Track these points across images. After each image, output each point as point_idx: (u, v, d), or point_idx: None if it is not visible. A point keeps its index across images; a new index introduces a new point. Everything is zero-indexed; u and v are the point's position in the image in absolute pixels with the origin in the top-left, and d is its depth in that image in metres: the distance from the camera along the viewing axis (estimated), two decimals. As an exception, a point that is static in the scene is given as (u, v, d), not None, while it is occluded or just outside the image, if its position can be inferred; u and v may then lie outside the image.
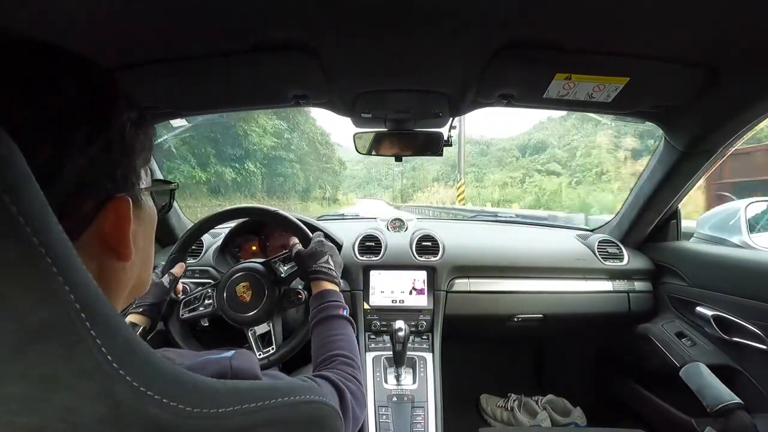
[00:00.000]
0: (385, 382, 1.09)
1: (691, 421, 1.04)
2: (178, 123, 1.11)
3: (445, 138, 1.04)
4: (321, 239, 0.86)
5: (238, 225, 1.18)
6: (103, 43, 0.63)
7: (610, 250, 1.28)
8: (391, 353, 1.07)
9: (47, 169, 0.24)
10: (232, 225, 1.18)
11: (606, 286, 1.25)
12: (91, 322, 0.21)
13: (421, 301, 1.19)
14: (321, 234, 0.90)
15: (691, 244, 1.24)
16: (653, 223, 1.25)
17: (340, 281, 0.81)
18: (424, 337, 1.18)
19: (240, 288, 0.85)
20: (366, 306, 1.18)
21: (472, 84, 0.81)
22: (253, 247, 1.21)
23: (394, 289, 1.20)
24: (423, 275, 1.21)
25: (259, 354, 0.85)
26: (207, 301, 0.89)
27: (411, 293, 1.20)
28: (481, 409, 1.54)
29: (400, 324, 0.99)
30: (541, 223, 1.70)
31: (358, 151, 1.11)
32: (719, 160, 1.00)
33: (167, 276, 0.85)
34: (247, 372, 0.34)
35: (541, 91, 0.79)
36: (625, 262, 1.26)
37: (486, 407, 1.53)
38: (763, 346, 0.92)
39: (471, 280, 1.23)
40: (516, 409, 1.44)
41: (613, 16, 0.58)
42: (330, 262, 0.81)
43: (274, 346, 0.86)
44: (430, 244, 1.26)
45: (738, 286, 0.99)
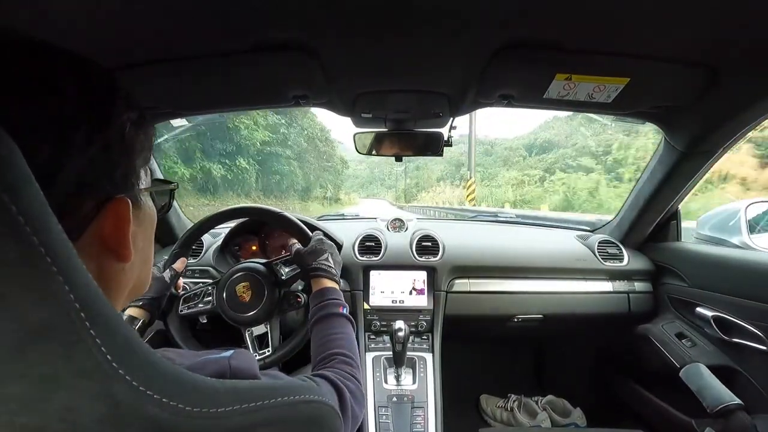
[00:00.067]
0: (385, 382, 1.09)
1: (691, 421, 1.04)
2: (178, 123, 1.11)
3: (445, 138, 1.04)
4: (321, 238, 0.87)
5: (238, 225, 1.18)
6: (103, 43, 0.63)
7: (610, 251, 1.28)
8: (391, 353, 1.07)
9: (47, 169, 0.24)
10: (232, 225, 1.18)
11: (606, 286, 1.25)
12: (90, 322, 0.21)
13: (421, 301, 1.19)
14: (320, 233, 0.90)
15: (691, 245, 1.24)
16: (653, 224, 1.25)
17: (340, 279, 0.81)
18: (424, 337, 1.18)
19: (240, 288, 0.85)
20: (366, 306, 1.18)
21: (472, 84, 0.81)
22: (253, 247, 1.21)
23: (394, 289, 1.20)
24: (423, 275, 1.21)
25: (255, 355, 0.84)
26: (207, 298, 0.89)
27: (411, 293, 1.20)
28: (481, 410, 1.54)
29: (400, 324, 0.99)
30: (541, 223, 1.70)
31: (358, 151, 1.11)
32: (719, 160, 1.00)
33: (168, 271, 0.84)
34: (245, 372, 0.34)
35: (541, 92, 0.79)
36: (625, 262, 1.26)
37: (486, 407, 1.53)
38: (763, 347, 0.92)
39: (471, 281, 1.23)
40: (516, 409, 1.44)
41: (613, 16, 0.58)
42: (330, 259, 0.81)
43: (270, 348, 0.86)
44: (430, 244, 1.26)
45: (738, 287, 0.99)
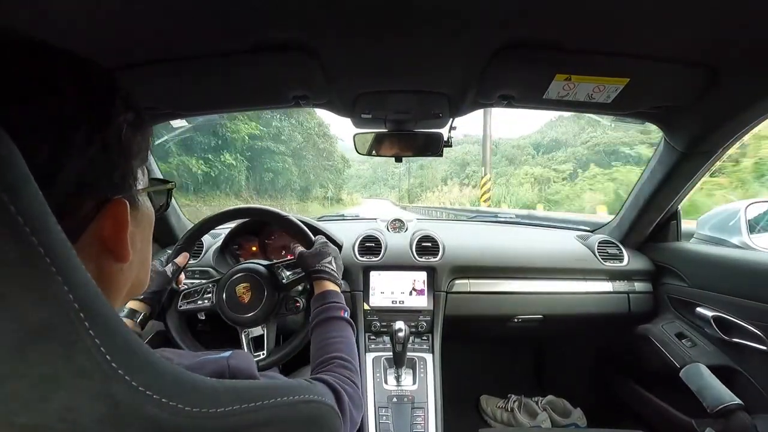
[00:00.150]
0: (385, 382, 1.09)
1: (691, 421, 1.04)
2: (178, 123, 1.11)
3: (445, 138, 1.04)
4: (325, 241, 0.87)
5: (238, 225, 1.18)
6: (103, 43, 0.63)
7: (610, 251, 1.28)
8: (391, 354, 1.07)
9: (47, 170, 0.24)
10: (232, 225, 1.18)
11: (606, 286, 1.25)
12: (90, 322, 0.21)
13: (421, 301, 1.19)
14: (323, 237, 0.90)
15: (691, 245, 1.24)
16: (653, 224, 1.25)
17: (342, 283, 0.81)
18: (424, 337, 1.18)
19: (240, 288, 0.85)
20: (366, 307, 1.18)
21: (472, 84, 0.81)
22: (253, 248, 1.21)
23: (394, 289, 1.20)
24: (423, 276, 1.21)
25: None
26: (206, 295, 0.89)
27: (411, 294, 1.20)
28: (481, 410, 1.54)
29: (400, 325, 0.99)
30: (541, 223, 1.70)
31: (358, 152, 1.11)
32: (719, 160, 1.00)
33: (171, 265, 0.84)
34: (244, 372, 0.34)
35: (541, 92, 0.79)
36: (625, 262, 1.26)
37: (486, 408, 1.53)
38: (763, 347, 0.91)
39: (471, 281, 1.23)
40: (516, 409, 1.44)
41: (613, 16, 0.58)
42: (333, 263, 0.81)
43: (265, 351, 0.85)
44: (430, 244, 1.26)
45: (738, 287, 0.99)
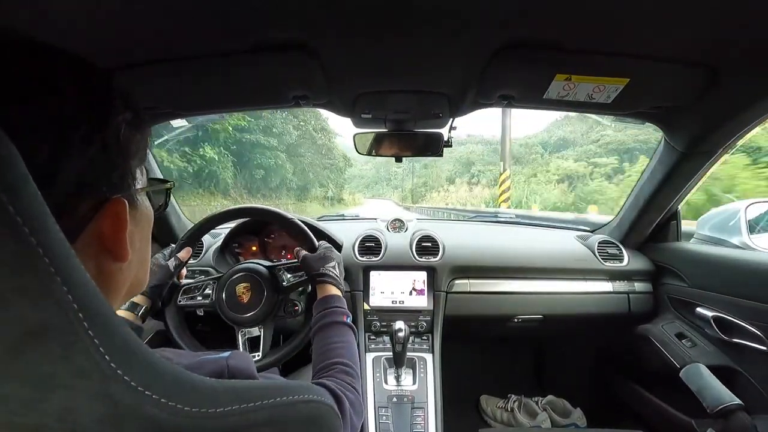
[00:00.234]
0: (385, 382, 1.09)
1: (691, 422, 1.04)
2: (178, 123, 1.11)
3: (445, 138, 1.04)
4: (329, 246, 0.87)
5: (238, 225, 1.18)
6: (103, 43, 0.63)
7: (610, 251, 1.28)
8: (391, 354, 1.07)
9: (46, 169, 0.24)
10: (232, 225, 1.18)
11: (606, 286, 1.25)
12: (89, 322, 0.21)
13: (421, 301, 1.19)
14: (326, 242, 0.90)
15: (691, 245, 1.24)
16: (653, 224, 1.25)
17: (344, 288, 0.81)
18: (424, 337, 1.18)
19: (240, 288, 0.85)
20: (366, 306, 1.18)
21: (472, 84, 0.81)
22: (253, 247, 1.21)
23: (394, 289, 1.20)
24: (423, 276, 1.21)
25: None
26: (206, 291, 0.89)
27: (411, 294, 1.20)
28: (481, 410, 1.54)
29: (400, 324, 0.99)
30: (541, 223, 1.70)
31: (358, 152, 1.11)
32: (719, 160, 1.00)
33: (173, 260, 0.84)
34: (243, 372, 0.35)
35: (541, 92, 0.79)
36: (625, 262, 1.26)
37: (486, 408, 1.53)
38: (763, 347, 0.91)
39: (471, 281, 1.23)
40: (516, 409, 1.44)
41: (613, 16, 0.58)
42: (337, 268, 0.81)
43: (260, 353, 0.85)
44: (430, 244, 1.26)
45: (738, 287, 0.99)
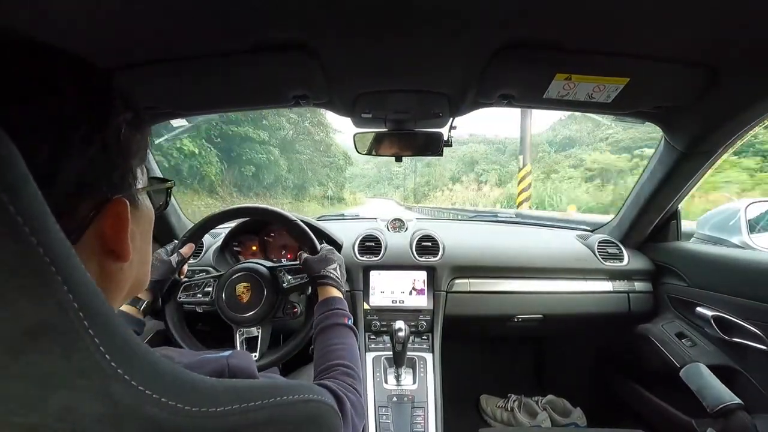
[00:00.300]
0: (385, 382, 1.09)
1: (691, 421, 1.04)
2: (178, 123, 1.11)
3: (445, 138, 1.04)
4: (331, 248, 0.87)
5: (238, 224, 1.18)
6: (103, 43, 0.63)
7: (610, 251, 1.28)
8: (391, 353, 1.07)
9: (47, 170, 0.24)
10: (232, 225, 1.18)
11: (606, 286, 1.25)
12: (89, 322, 0.21)
13: (421, 301, 1.19)
14: (328, 245, 0.90)
15: (691, 245, 1.24)
16: (653, 224, 1.25)
17: (345, 290, 0.81)
18: (424, 337, 1.18)
19: (240, 287, 0.85)
20: (366, 306, 1.18)
21: (472, 84, 0.81)
22: (253, 247, 1.21)
23: (394, 289, 1.20)
24: (423, 275, 1.21)
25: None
26: (207, 289, 0.89)
27: (411, 293, 1.20)
28: (481, 410, 1.54)
29: (400, 324, 0.99)
30: (541, 223, 1.70)
31: (358, 151, 1.11)
32: (719, 160, 1.00)
33: (175, 256, 0.84)
34: (244, 371, 0.35)
35: (541, 92, 0.79)
36: (625, 262, 1.26)
37: (486, 407, 1.53)
38: (763, 347, 0.91)
39: (471, 281, 1.23)
40: (516, 409, 1.44)
41: (613, 16, 0.58)
42: (338, 270, 0.81)
43: (257, 354, 0.85)
44: (430, 244, 1.26)
45: (738, 287, 0.99)
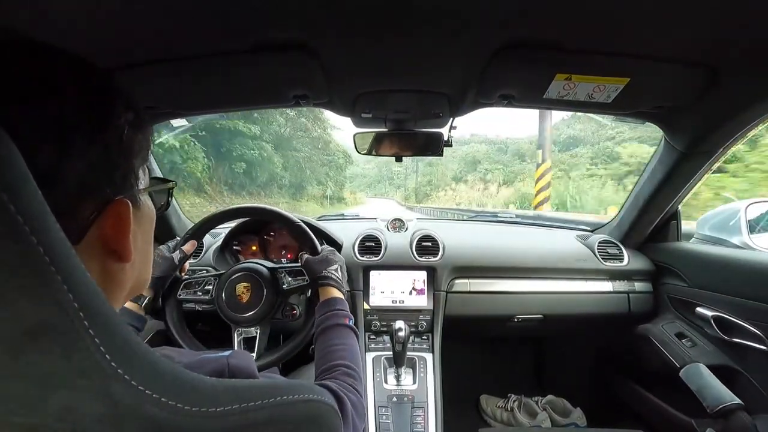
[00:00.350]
0: (385, 382, 1.09)
1: (691, 421, 1.04)
2: (178, 123, 1.11)
3: (445, 138, 1.04)
4: (333, 249, 0.87)
5: (238, 224, 1.18)
6: (103, 43, 0.63)
7: (610, 251, 1.28)
8: (391, 353, 1.07)
9: (48, 171, 0.24)
10: (232, 224, 1.18)
11: (606, 286, 1.25)
12: (89, 322, 0.21)
13: (421, 301, 1.19)
14: (329, 246, 0.89)
15: (692, 245, 1.24)
16: (653, 224, 1.25)
17: (346, 291, 0.81)
18: (424, 337, 1.18)
19: (240, 287, 0.85)
20: (366, 306, 1.18)
21: (472, 84, 0.81)
22: (253, 246, 1.21)
23: (394, 289, 1.20)
24: (423, 275, 1.21)
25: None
26: (207, 287, 0.89)
27: (411, 293, 1.20)
28: (481, 410, 1.54)
29: (400, 324, 0.99)
30: (541, 223, 1.70)
31: (358, 151, 1.11)
32: (719, 160, 1.00)
33: (178, 252, 0.84)
34: (244, 371, 0.35)
35: (541, 92, 0.79)
36: (625, 262, 1.26)
37: (486, 407, 1.53)
38: (764, 347, 0.91)
39: (471, 281, 1.23)
40: (516, 409, 1.44)
41: (613, 16, 0.58)
42: (339, 271, 0.81)
43: (254, 354, 0.85)
44: (430, 244, 1.26)
45: (738, 287, 0.99)
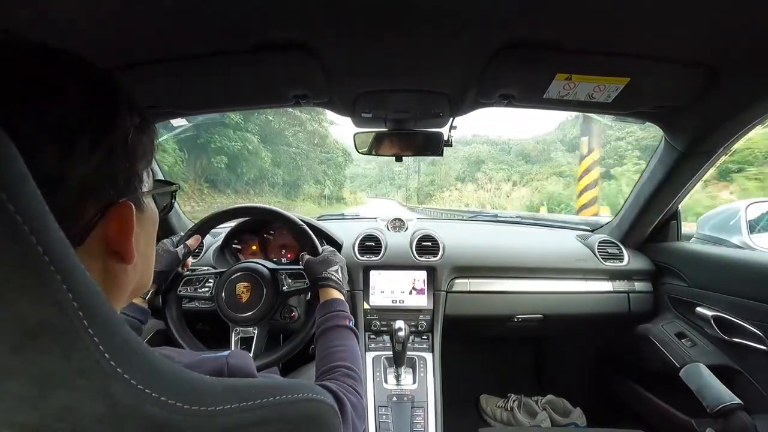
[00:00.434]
0: (385, 382, 1.09)
1: (691, 421, 1.04)
2: (178, 123, 1.11)
3: (445, 138, 1.04)
4: (333, 250, 0.87)
5: (238, 224, 1.18)
6: (103, 43, 0.63)
7: (610, 251, 1.28)
8: (391, 353, 1.07)
9: (50, 172, 0.24)
10: (232, 224, 1.19)
11: (606, 286, 1.25)
12: (89, 321, 0.21)
13: (421, 301, 1.19)
14: (330, 247, 0.89)
15: (692, 245, 1.24)
16: (653, 224, 1.25)
17: (346, 292, 0.81)
18: (424, 337, 1.18)
19: (240, 286, 0.85)
20: (366, 306, 1.18)
21: (472, 84, 0.81)
22: (253, 246, 1.21)
23: (394, 289, 1.20)
24: (423, 275, 1.21)
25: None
26: (207, 284, 0.89)
27: (411, 293, 1.20)
28: (481, 410, 1.54)
29: (400, 324, 0.99)
30: (541, 223, 1.70)
31: (358, 151, 1.11)
32: (719, 160, 1.00)
33: (182, 247, 0.84)
34: (243, 370, 0.35)
35: (541, 92, 0.79)
36: (625, 262, 1.26)
37: (486, 407, 1.53)
38: (763, 347, 0.91)
39: (471, 281, 1.23)
40: (516, 409, 1.44)
41: (613, 16, 0.58)
42: (340, 272, 0.81)
43: (251, 354, 0.85)
44: (430, 244, 1.26)
45: (738, 287, 0.99)
